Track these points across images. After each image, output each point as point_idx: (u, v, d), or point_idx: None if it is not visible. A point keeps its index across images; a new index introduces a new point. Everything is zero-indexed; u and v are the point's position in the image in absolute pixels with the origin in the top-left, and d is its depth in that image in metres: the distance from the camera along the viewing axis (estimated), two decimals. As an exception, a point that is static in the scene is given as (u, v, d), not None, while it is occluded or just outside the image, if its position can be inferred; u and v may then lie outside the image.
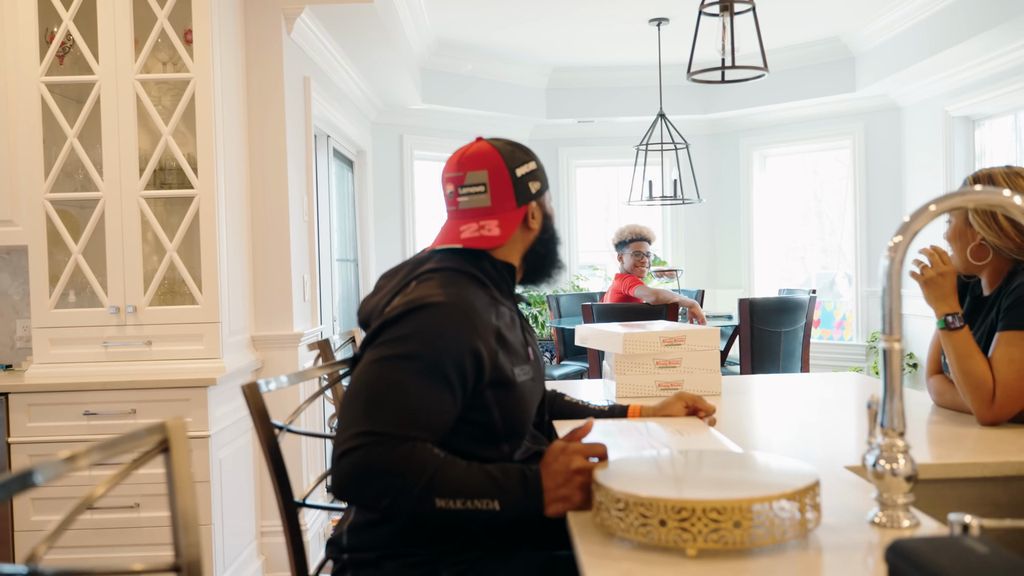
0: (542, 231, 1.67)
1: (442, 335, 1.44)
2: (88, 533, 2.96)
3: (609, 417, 1.85)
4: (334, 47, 4.43)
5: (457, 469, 1.36)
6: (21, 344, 3.55)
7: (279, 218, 3.59)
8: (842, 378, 2.70)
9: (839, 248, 7.16)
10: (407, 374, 1.41)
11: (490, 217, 1.60)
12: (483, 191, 1.60)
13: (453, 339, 1.44)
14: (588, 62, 6.88)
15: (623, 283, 5.13)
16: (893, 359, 1.17)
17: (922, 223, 1.19)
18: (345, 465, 1.35)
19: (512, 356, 1.55)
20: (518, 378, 1.54)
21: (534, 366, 1.65)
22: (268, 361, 3.56)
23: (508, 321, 1.60)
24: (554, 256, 1.70)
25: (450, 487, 1.33)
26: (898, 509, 1.17)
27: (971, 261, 1.94)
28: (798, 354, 4.98)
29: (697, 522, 1.05)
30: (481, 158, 1.61)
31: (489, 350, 1.48)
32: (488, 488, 1.34)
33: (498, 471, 1.37)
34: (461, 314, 1.46)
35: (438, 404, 1.42)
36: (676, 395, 1.84)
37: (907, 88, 6.10)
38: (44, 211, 3.08)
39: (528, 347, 1.64)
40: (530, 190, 1.63)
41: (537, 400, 1.64)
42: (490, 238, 1.58)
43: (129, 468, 0.91)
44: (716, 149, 7.62)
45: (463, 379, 1.45)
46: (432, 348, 1.43)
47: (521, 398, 1.55)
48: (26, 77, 3.05)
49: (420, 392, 1.41)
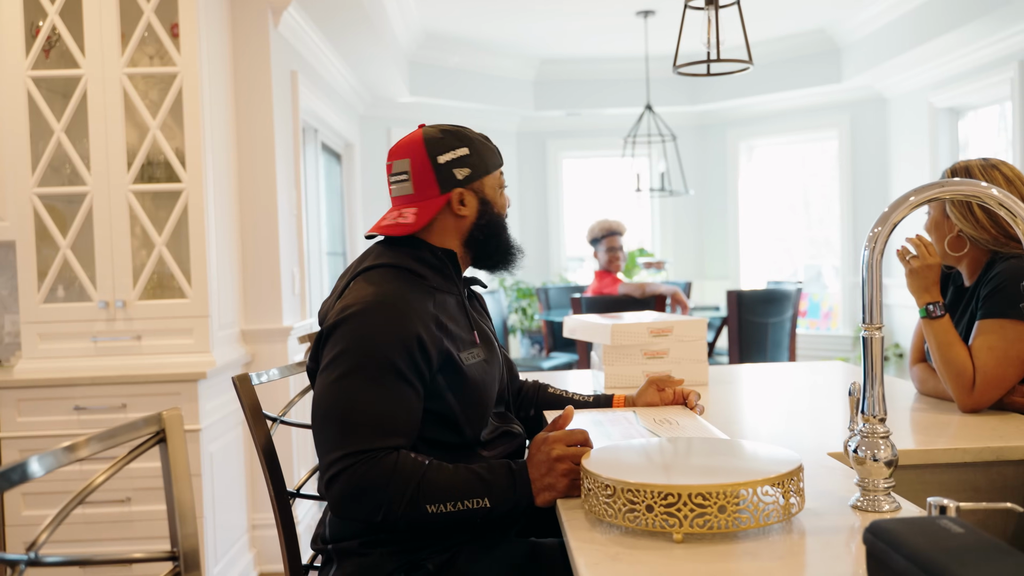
0: (478, 216, 1.65)
1: (378, 335, 1.45)
2: (80, 527, 2.96)
3: (594, 407, 1.88)
4: (321, 41, 4.43)
5: (443, 473, 1.39)
6: (10, 339, 3.55)
7: (268, 212, 3.59)
8: (828, 367, 2.73)
9: (826, 239, 7.21)
10: (365, 386, 1.42)
11: (410, 205, 1.62)
12: (406, 179, 1.62)
13: (390, 335, 1.45)
14: (576, 54, 6.89)
15: (603, 282, 5.13)
16: (874, 347, 1.19)
17: (902, 214, 1.22)
18: (335, 491, 1.39)
19: (455, 341, 1.56)
20: (466, 361, 1.55)
21: (486, 348, 1.65)
22: (258, 354, 3.57)
23: (452, 308, 1.61)
24: (497, 241, 1.69)
25: (438, 492, 1.37)
26: (879, 493, 1.20)
27: (949, 252, 1.97)
28: (785, 345, 5.03)
29: (683, 507, 1.08)
30: (406, 147, 1.64)
31: (430, 335, 1.49)
32: (476, 487, 1.38)
33: (484, 469, 1.41)
34: (393, 309, 1.47)
35: (403, 404, 1.45)
36: (647, 381, 1.87)
37: (892, 80, 6.14)
38: (32, 206, 3.07)
39: (474, 331, 1.64)
40: (455, 176, 1.62)
41: (494, 381, 1.64)
42: (404, 225, 1.59)
43: (127, 458, 0.93)
44: (703, 141, 7.65)
45: (417, 369, 1.47)
46: (376, 351, 1.44)
47: (473, 381, 1.56)
48: (12, 71, 3.04)
49: (383, 400, 1.43)
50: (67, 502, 0.80)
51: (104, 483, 0.88)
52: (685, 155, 7.31)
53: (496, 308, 5.94)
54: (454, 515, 1.37)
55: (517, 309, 7.26)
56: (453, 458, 1.47)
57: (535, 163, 7.63)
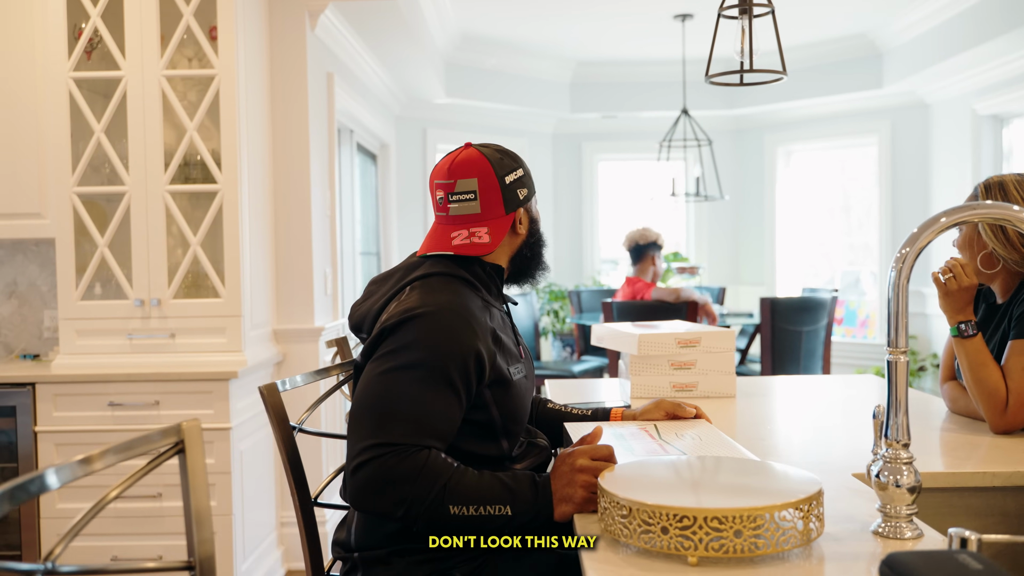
0: (529, 235, 1.71)
1: (443, 341, 1.47)
2: (112, 522, 3.02)
3: (592, 421, 1.88)
4: (358, 43, 4.46)
5: (469, 477, 1.40)
6: (48, 334, 3.62)
7: (301, 213, 3.63)
8: (862, 380, 2.69)
9: (865, 245, 7.11)
10: (413, 384, 1.44)
11: (480, 224, 1.63)
12: (473, 198, 1.63)
13: (454, 344, 1.47)
14: (612, 57, 6.87)
15: (635, 287, 5.08)
16: (898, 372, 1.18)
17: (931, 236, 1.20)
18: (360, 477, 1.40)
19: (507, 355, 1.60)
20: (514, 376, 1.59)
21: (526, 364, 1.70)
22: (289, 354, 3.61)
23: (500, 322, 1.64)
24: (539, 258, 1.75)
25: (463, 494, 1.38)
26: (901, 520, 1.18)
27: (982, 270, 1.93)
28: (819, 354, 4.96)
29: (699, 530, 1.07)
30: (471, 165, 1.64)
31: (488, 351, 1.52)
32: (500, 494, 1.39)
33: (509, 478, 1.42)
34: (459, 319, 1.50)
35: (445, 410, 1.46)
36: (655, 402, 1.86)
37: (934, 85, 6.04)
38: (71, 204, 3.13)
39: (519, 346, 1.70)
40: (518, 196, 1.67)
41: (531, 396, 1.70)
42: (480, 245, 1.62)
43: (145, 470, 0.94)
44: (740, 145, 7.58)
45: (467, 382, 1.49)
46: (434, 355, 1.46)
47: (517, 395, 1.60)
48: (54, 72, 3.11)
49: (427, 400, 1.44)
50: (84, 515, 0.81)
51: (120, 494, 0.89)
52: (721, 159, 7.25)
53: (528, 311, 5.94)
54: (475, 520, 1.37)
55: (549, 312, 7.26)
56: (484, 469, 1.48)
57: (570, 165, 7.62)
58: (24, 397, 3.05)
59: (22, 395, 3.05)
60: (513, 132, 7.25)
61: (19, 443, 3.05)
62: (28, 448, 3.04)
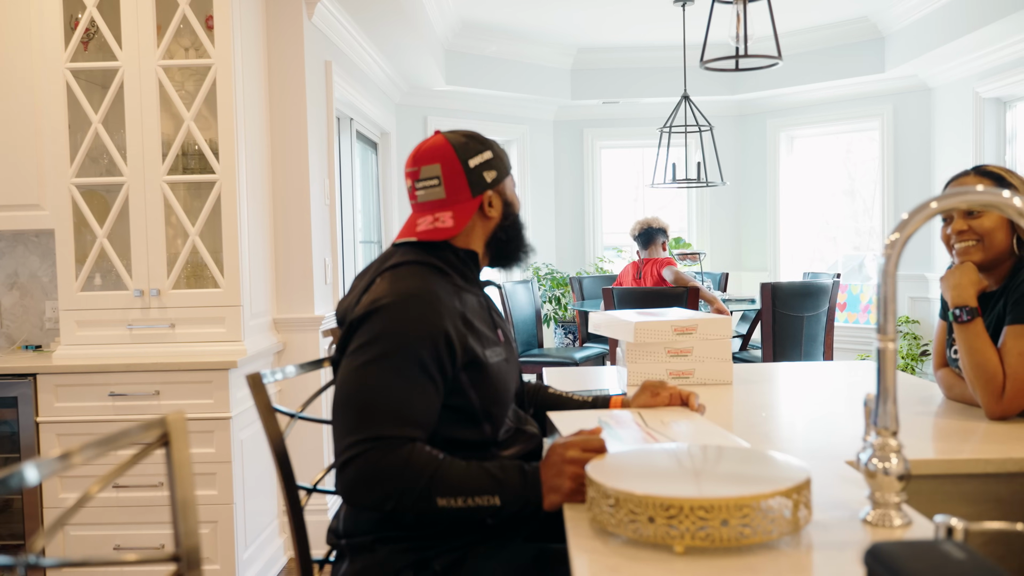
0: (503, 218, 1.71)
1: (410, 328, 1.48)
2: (116, 511, 3.03)
3: (592, 408, 1.87)
4: (356, 31, 4.44)
5: (456, 468, 1.41)
6: (50, 325, 3.63)
7: (300, 202, 3.63)
8: (862, 367, 2.68)
9: (870, 230, 7.08)
10: (387, 375, 1.45)
11: (444, 209, 1.65)
12: (437, 184, 1.65)
13: (421, 329, 1.48)
14: (613, 43, 6.84)
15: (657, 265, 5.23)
16: (887, 359, 1.17)
17: (920, 222, 1.19)
18: (348, 474, 1.41)
19: (481, 338, 1.59)
20: (490, 359, 1.58)
21: (506, 348, 1.69)
22: (289, 343, 3.61)
23: (475, 306, 1.64)
24: (518, 240, 1.74)
25: (451, 486, 1.38)
26: (890, 508, 1.18)
27: (1015, 250, 1.91)
28: (821, 339, 4.95)
29: (685, 519, 1.07)
30: (434, 152, 1.66)
31: (458, 333, 1.53)
32: (488, 484, 1.39)
33: (496, 468, 1.42)
34: (423, 303, 1.51)
35: (423, 397, 1.47)
36: (642, 385, 1.86)
37: (937, 69, 6.00)
38: (70, 196, 3.13)
39: (498, 329, 1.70)
40: (485, 179, 1.66)
41: (513, 380, 1.69)
42: (444, 229, 1.63)
43: (130, 463, 0.94)
44: (742, 130, 7.55)
45: (440, 366, 1.50)
46: (403, 343, 1.47)
47: (496, 378, 1.59)
48: (51, 63, 3.10)
49: (404, 390, 1.45)
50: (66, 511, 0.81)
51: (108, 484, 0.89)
52: (724, 145, 7.22)
53: (529, 298, 5.94)
54: (464, 511, 1.38)
55: (551, 299, 7.25)
56: (470, 456, 1.48)
57: (571, 152, 7.60)
58: (26, 388, 3.06)
59: (24, 386, 3.06)
60: (514, 119, 7.23)
61: (21, 434, 3.06)
62: (30, 439, 3.06)
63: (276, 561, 3.47)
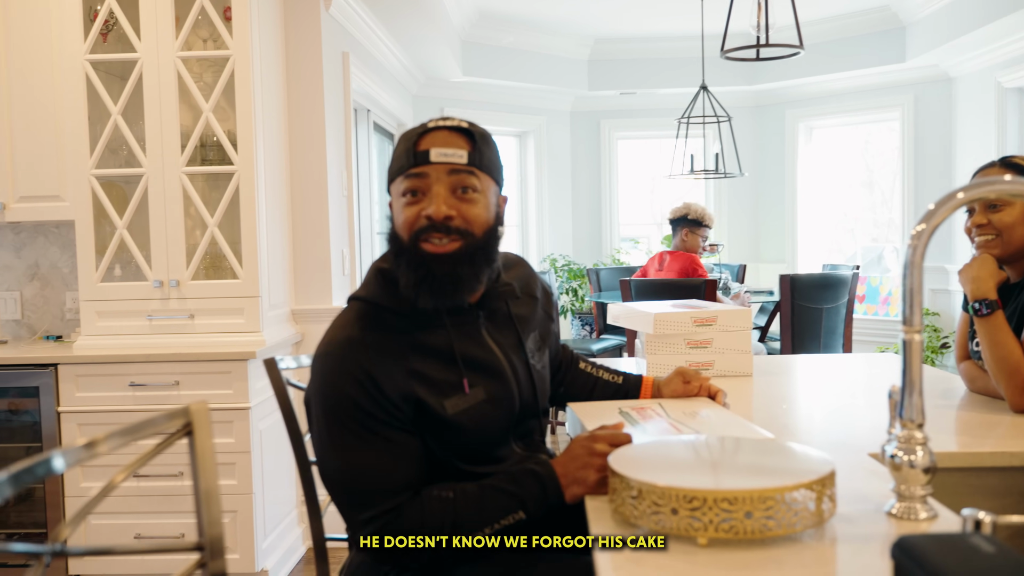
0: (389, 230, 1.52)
1: (331, 391, 1.36)
2: (136, 500, 3.06)
3: (624, 395, 1.84)
4: (373, 22, 4.44)
5: (470, 500, 1.34)
6: (70, 316, 3.66)
7: (318, 193, 3.63)
8: (882, 359, 2.66)
9: (889, 221, 7.03)
10: (351, 448, 1.35)
11: None
12: None
13: (341, 390, 1.35)
14: (631, 33, 6.80)
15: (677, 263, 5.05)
16: (913, 351, 1.16)
17: (947, 212, 1.18)
18: (371, 554, 1.36)
19: (437, 388, 1.39)
20: (449, 411, 1.39)
21: (491, 383, 1.45)
22: (308, 334, 3.62)
23: (437, 347, 1.42)
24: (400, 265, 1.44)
25: (474, 522, 1.33)
26: (915, 501, 1.17)
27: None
28: (840, 331, 4.92)
29: (708, 511, 1.06)
30: None
31: (384, 390, 1.35)
32: (508, 503, 1.35)
33: (509, 481, 1.37)
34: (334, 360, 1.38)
35: (399, 452, 1.36)
36: (675, 371, 1.83)
37: (959, 58, 5.93)
38: (90, 187, 3.15)
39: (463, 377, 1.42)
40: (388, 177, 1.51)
41: (498, 419, 1.46)
42: None
43: (154, 452, 0.95)
44: (760, 121, 7.50)
45: (395, 416, 1.36)
46: (340, 410, 1.35)
47: (464, 431, 1.41)
48: (71, 55, 3.12)
49: (374, 457, 1.35)
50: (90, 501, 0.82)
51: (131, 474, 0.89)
52: (742, 136, 7.18)
53: (546, 289, 5.91)
54: (496, 533, 1.34)
55: (568, 290, 7.24)
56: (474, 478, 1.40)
57: (589, 143, 7.57)
58: (47, 378, 3.08)
59: (45, 376, 3.08)
60: (531, 110, 7.21)
61: (43, 423, 3.09)
62: (52, 428, 3.08)
63: (295, 550, 3.48)
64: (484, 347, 1.47)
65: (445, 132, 1.42)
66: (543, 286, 1.70)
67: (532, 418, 1.56)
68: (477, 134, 1.44)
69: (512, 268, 1.64)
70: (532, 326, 1.60)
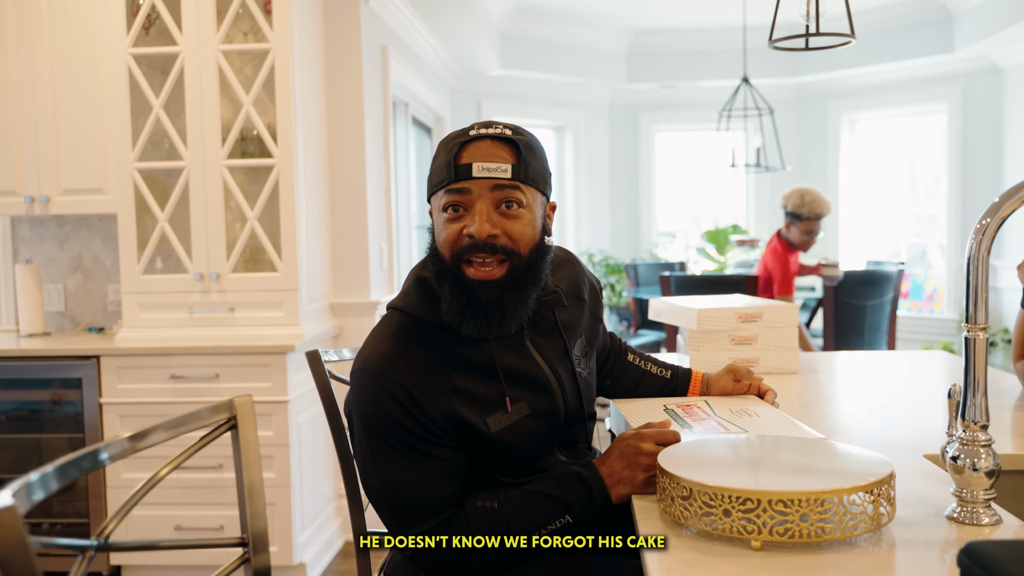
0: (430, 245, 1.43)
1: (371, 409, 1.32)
2: (176, 492, 3.08)
3: (671, 390, 1.79)
4: (412, 15, 4.43)
5: (516, 508, 1.32)
6: (112, 308, 3.70)
7: (357, 186, 3.63)
8: (930, 356, 2.60)
9: (932, 216, 6.88)
10: (395, 467, 1.32)
11: None
12: None
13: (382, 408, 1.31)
14: (670, 25, 6.72)
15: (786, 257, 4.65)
16: (977, 350, 1.11)
17: (1015, 205, 1.13)
18: (420, 567, 1.35)
19: (478, 406, 1.35)
20: (491, 428, 1.35)
21: (534, 396, 1.40)
22: (346, 328, 3.63)
23: (477, 363, 1.37)
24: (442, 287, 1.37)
25: (521, 527, 1.31)
26: (978, 505, 1.12)
27: None
28: (884, 328, 4.83)
29: (763, 513, 1.03)
30: None
31: (431, 407, 1.31)
32: (554, 509, 1.32)
33: (554, 486, 1.34)
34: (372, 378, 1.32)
35: (443, 468, 1.33)
36: (726, 368, 1.77)
37: (1009, 49, 5.78)
38: (132, 180, 3.18)
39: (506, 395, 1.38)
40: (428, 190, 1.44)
41: (542, 433, 1.42)
42: None
43: (197, 445, 0.93)
44: (802, 114, 7.38)
45: (436, 433, 1.32)
46: (378, 426, 1.31)
47: (507, 447, 1.37)
48: (114, 49, 3.14)
49: (420, 473, 1.32)
50: (135, 493, 0.81)
51: (177, 467, 0.88)
52: (783, 129, 7.07)
53: (584, 284, 5.88)
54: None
55: (605, 285, 7.19)
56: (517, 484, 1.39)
57: (627, 137, 7.51)
58: (90, 369, 3.11)
59: (88, 367, 3.12)
60: (568, 103, 7.16)
61: (85, 414, 3.12)
62: (94, 419, 3.11)
63: (333, 543, 3.49)
64: (529, 359, 1.42)
65: (488, 142, 1.34)
66: (590, 283, 1.65)
67: (578, 423, 1.52)
68: (522, 144, 1.35)
69: (560, 268, 1.57)
70: (579, 332, 1.55)
